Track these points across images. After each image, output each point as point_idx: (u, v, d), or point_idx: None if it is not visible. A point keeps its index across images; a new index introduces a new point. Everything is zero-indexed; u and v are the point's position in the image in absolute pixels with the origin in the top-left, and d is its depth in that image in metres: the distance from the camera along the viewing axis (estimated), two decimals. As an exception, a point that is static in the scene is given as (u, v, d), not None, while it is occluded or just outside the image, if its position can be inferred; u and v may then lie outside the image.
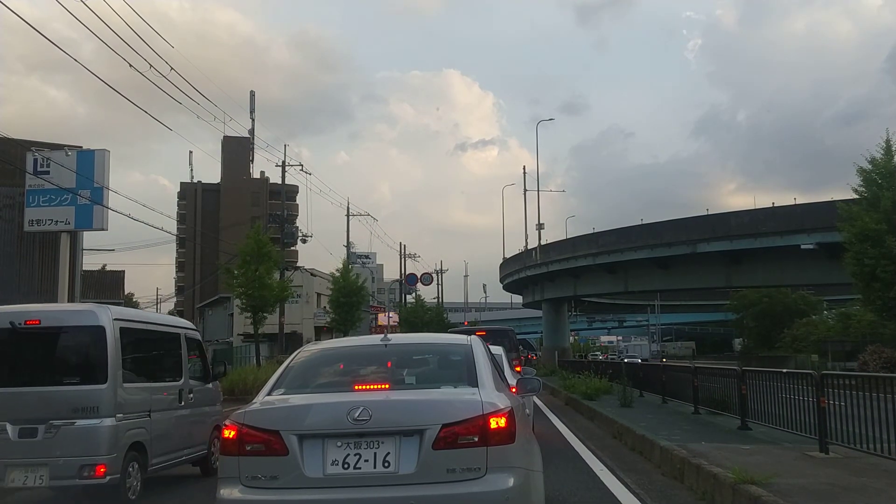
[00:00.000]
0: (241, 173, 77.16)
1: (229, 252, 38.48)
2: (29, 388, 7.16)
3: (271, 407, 4.47)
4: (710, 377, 13.25)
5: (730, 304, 63.91)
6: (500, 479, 3.99)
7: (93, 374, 7.19)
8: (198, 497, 8.08)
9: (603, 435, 12.58)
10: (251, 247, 30.38)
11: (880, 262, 23.35)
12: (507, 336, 19.29)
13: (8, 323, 7.29)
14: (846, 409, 7.74)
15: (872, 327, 34.37)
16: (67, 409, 6.96)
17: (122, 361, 7.36)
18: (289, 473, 4.01)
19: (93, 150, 25.21)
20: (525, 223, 66.29)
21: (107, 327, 7.24)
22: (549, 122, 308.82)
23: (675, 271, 47.57)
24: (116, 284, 45.69)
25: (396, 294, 71.58)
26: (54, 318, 7.72)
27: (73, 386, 7.18)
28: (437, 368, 5.16)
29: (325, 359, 5.33)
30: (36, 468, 6.81)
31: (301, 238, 39.89)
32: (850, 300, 45.04)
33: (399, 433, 4.02)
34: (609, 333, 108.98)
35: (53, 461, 6.81)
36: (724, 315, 76.08)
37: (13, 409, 7.00)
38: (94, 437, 6.94)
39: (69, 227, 24.70)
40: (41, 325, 7.40)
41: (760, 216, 41.63)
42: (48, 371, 7.40)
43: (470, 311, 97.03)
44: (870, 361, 24.33)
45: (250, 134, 50.38)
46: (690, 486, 7.35)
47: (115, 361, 7.21)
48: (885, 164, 24.34)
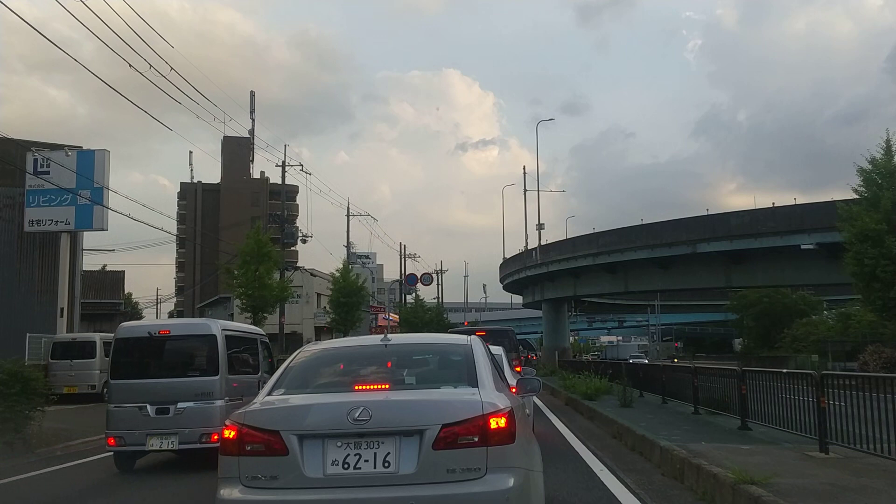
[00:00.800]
0: (241, 173, 77.20)
1: (229, 252, 38.50)
2: (163, 379, 9.70)
3: (271, 407, 4.47)
4: (710, 377, 13.26)
5: (730, 304, 63.90)
6: (500, 480, 3.98)
7: (208, 369, 9.72)
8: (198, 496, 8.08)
9: (603, 435, 12.57)
10: (251, 247, 30.37)
11: (880, 262, 23.35)
12: (507, 336, 19.29)
13: (146, 333, 10.16)
14: (846, 409, 7.74)
15: (872, 327, 34.36)
16: (191, 394, 9.48)
17: (227, 360, 9.83)
18: (289, 473, 4.01)
19: (93, 151, 25.23)
20: (525, 223, 66.44)
21: (217, 335, 9.81)
22: (549, 122, 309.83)
23: (675, 271, 47.59)
24: (116, 284, 45.69)
25: (396, 294, 71.55)
26: (179, 329, 11.04)
27: (195, 378, 9.73)
28: (437, 368, 5.15)
29: (325, 359, 5.32)
30: (169, 436, 9.32)
31: (301, 238, 39.90)
32: (850, 300, 45.02)
33: (399, 433, 4.01)
34: (609, 333, 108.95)
35: (181, 431, 9.32)
36: (724, 315, 76.06)
37: (152, 395, 9.46)
38: (210, 414, 9.34)
39: (69, 227, 24.72)
40: (170, 334, 10.12)
41: (760, 216, 41.63)
42: (176, 367, 9.98)
43: (470, 311, 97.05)
44: (870, 361, 24.35)
45: (250, 134, 50.41)
46: (690, 487, 7.35)
47: (223, 360, 9.72)
48: (886, 164, 24.34)
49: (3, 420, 11.05)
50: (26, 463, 10.45)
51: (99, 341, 22.99)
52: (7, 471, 9.52)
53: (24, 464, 10.37)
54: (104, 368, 22.53)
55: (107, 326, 39.14)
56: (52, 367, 21.28)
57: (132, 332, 10.51)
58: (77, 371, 21.74)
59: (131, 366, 9.93)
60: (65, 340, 23.06)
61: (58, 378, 19.85)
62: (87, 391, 21.66)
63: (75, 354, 22.20)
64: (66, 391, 20.14)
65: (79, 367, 21.82)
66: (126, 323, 11.58)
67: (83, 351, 22.33)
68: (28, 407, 11.38)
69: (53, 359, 22.01)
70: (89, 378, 21.95)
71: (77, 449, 11.88)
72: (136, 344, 10.11)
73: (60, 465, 10.49)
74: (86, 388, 21.68)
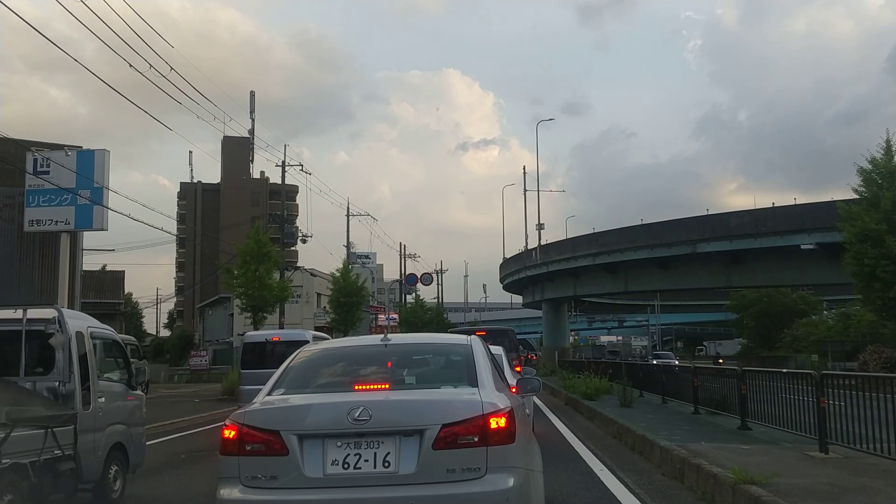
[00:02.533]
0: (241, 173, 77.11)
1: (229, 252, 38.49)
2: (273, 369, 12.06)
3: (271, 407, 4.47)
4: (710, 377, 13.26)
5: (730, 304, 63.89)
6: (500, 479, 3.99)
7: None
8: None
9: (603, 435, 12.58)
10: (251, 247, 30.37)
11: (880, 262, 23.35)
12: (507, 336, 19.32)
13: (264, 339, 15.78)
14: (846, 409, 7.74)
15: (872, 327, 34.32)
16: None
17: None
18: (289, 473, 4.01)
19: (93, 150, 25.21)
20: (525, 223, 66.52)
21: (310, 340, 13.42)
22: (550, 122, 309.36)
23: (675, 271, 47.61)
24: (116, 284, 45.65)
25: (396, 294, 71.56)
26: (286, 336, 15.74)
27: None
28: (437, 368, 5.15)
29: (326, 359, 5.33)
30: None
31: (301, 238, 39.88)
32: (850, 300, 45.00)
33: (399, 433, 4.02)
34: (609, 333, 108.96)
35: None
36: (724, 315, 76.06)
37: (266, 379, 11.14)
38: None
39: (69, 227, 24.70)
40: (280, 340, 13.91)
41: (760, 216, 41.66)
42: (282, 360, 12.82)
43: (470, 311, 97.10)
44: (870, 361, 24.35)
45: (250, 134, 50.33)
46: (690, 487, 7.35)
47: None
48: (886, 165, 24.33)
49: (2, 420, 11.02)
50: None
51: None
52: None
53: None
54: (104, 368, 22.53)
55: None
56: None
57: (254, 338, 17.62)
58: (77, 371, 21.73)
59: (253, 360, 15.26)
60: (64, 340, 23.02)
61: None
62: (87, 391, 21.61)
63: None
64: (66, 391, 20.12)
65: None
66: (250, 332, 18.36)
67: (83, 351, 22.30)
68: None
69: (53, 359, 21.99)
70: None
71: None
72: (256, 346, 15.68)
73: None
74: None
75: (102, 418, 7.65)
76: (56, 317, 7.42)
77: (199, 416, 18.19)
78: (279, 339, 16.27)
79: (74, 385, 7.24)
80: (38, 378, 7.31)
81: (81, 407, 7.21)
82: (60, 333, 7.29)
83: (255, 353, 16.92)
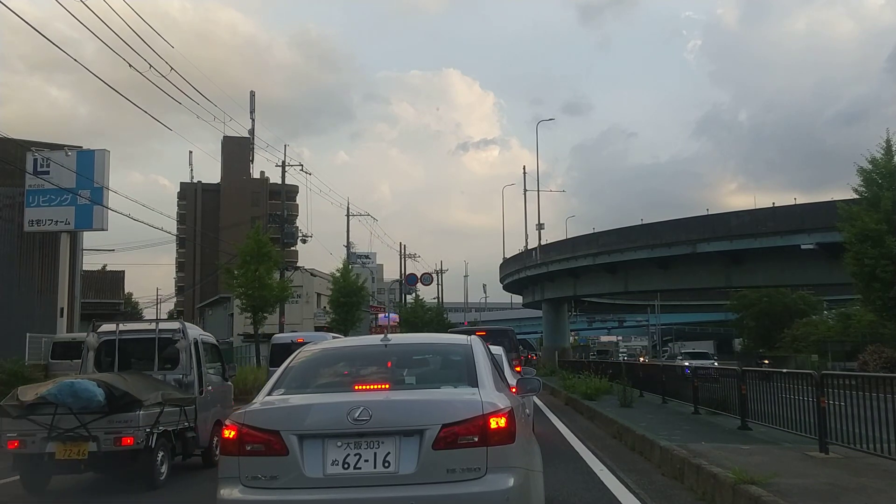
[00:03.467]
0: (241, 173, 77.13)
1: (229, 252, 38.47)
2: None
3: (271, 407, 4.47)
4: (710, 377, 13.26)
5: (729, 304, 63.84)
6: (500, 480, 3.99)
7: None
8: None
9: (603, 435, 12.57)
10: (251, 247, 30.36)
11: (880, 262, 23.35)
12: (507, 336, 19.30)
13: (290, 340, 15.80)
14: (846, 409, 7.74)
15: (872, 327, 34.30)
16: None
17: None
18: (289, 473, 4.01)
19: (93, 150, 25.20)
20: (525, 223, 66.46)
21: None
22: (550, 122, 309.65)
23: (675, 271, 47.57)
24: (116, 284, 45.63)
25: (396, 294, 71.55)
26: (310, 337, 15.31)
27: None
28: (437, 368, 5.15)
29: (325, 359, 5.32)
30: None
31: (301, 238, 39.90)
32: (850, 300, 44.96)
33: (399, 433, 4.02)
34: (609, 333, 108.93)
35: None
36: (724, 315, 76.05)
37: None
38: None
39: (69, 227, 24.69)
40: (304, 341, 11.85)
41: (760, 216, 41.62)
42: None
43: (470, 311, 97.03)
44: (870, 361, 24.35)
45: (250, 134, 50.47)
46: (690, 487, 7.35)
47: None
48: (886, 165, 24.34)
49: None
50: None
51: (99, 341, 22.96)
52: (7, 471, 9.50)
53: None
54: (104, 368, 22.56)
55: (107, 326, 39.09)
56: (52, 367, 21.24)
57: (282, 339, 18.94)
58: (77, 371, 21.74)
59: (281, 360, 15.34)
60: (65, 340, 23.03)
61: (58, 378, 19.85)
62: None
63: (75, 354, 22.11)
64: (66, 391, 20.15)
65: (79, 367, 21.80)
66: (277, 334, 20.11)
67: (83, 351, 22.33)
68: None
69: (53, 359, 21.97)
70: (89, 378, 21.94)
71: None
72: (283, 346, 15.27)
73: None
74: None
75: (209, 401, 10.36)
76: (180, 328, 10.29)
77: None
78: (303, 339, 17.25)
79: (193, 377, 9.96)
80: (167, 372, 9.95)
81: (198, 393, 9.94)
82: (183, 339, 10.02)
83: (283, 353, 17.42)
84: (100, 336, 10.45)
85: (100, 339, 10.42)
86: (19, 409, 8.00)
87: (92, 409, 7.88)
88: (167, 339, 10.08)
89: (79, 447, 7.89)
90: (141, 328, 11.16)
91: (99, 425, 7.93)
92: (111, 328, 10.63)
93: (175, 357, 10.01)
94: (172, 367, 10.00)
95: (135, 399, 8.16)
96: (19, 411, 7.99)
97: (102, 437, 7.91)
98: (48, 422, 7.88)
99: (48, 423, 7.88)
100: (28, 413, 7.95)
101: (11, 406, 8.07)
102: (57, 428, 7.88)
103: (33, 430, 7.94)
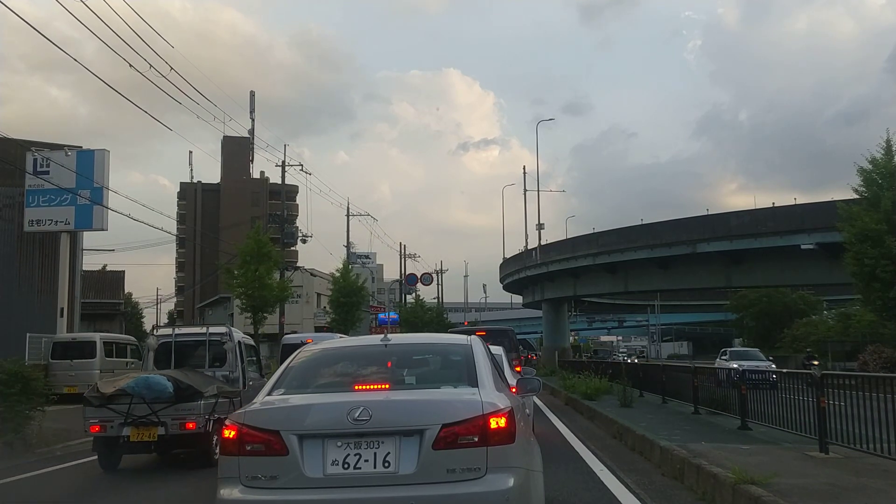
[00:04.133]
0: (241, 173, 77.16)
1: (229, 252, 38.50)
2: None
3: (271, 407, 4.47)
4: (710, 377, 13.26)
5: (729, 304, 63.88)
6: (500, 480, 3.98)
7: None
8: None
9: (603, 435, 12.57)
10: (251, 247, 30.38)
11: (880, 262, 23.36)
12: (507, 336, 19.29)
13: (300, 341, 14.07)
14: (846, 409, 7.74)
15: (872, 327, 34.34)
16: None
17: None
18: (289, 473, 4.01)
19: (92, 150, 25.21)
20: (525, 223, 66.43)
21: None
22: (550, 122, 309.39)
23: (675, 271, 47.58)
24: (116, 284, 45.64)
25: (396, 294, 71.55)
26: (319, 338, 13.22)
27: None
28: (437, 368, 5.15)
29: (326, 359, 5.32)
30: None
31: (301, 238, 39.91)
32: (850, 300, 44.99)
33: (399, 433, 4.02)
34: (609, 333, 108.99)
35: None
36: (724, 315, 76.11)
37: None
38: None
39: (69, 227, 24.70)
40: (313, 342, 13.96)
41: (760, 216, 41.61)
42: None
43: (470, 311, 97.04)
44: (870, 361, 24.36)
45: (250, 134, 50.43)
46: (690, 487, 7.35)
47: None
48: (886, 165, 24.35)
49: (3, 420, 11.05)
50: (26, 463, 10.45)
51: (99, 341, 22.96)
52: (7, 471, 9.51)
53: (24, 464, 10.36)
54: (104, 368, 22.52)
55: (107, 326, 39.08)
56: (52, 367, 21.26)
57: (292, 340, 18.43)
58: (77, 371, 21.71)
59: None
60: (65, 340, 23.04)
61: (58, 378, 19.82)
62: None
63: (75, 354, 22.19)
64: (66, 391, 20.07)
65: (79, 367, 21.80)
66: (288, 335, 20.22)
67: (83, 351, 22.31)
68: (28, 407, 11.40)
69: (53, 359, 21.99)
70: (89, 378, 21.85)
71: (77, 449, 11.88)
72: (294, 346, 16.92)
73: (60, 465, 10.48)
74: (86, 389, 21.63)
75: (251, 394, 12.93)
76: (227, 331, 12.13)
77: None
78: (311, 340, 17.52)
79: (238, 373, 11.68)
80: (216, 369, 11.67)
81: (242, 386, 11.36)
82: (230, 341, 11.90)
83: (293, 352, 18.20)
84: (158, 339, 12.39)
85: (158, 341, 12.29)
86: (101, 400, 9.46)
87: (163, 399, 9.31)
88: (216, 340, 11.99)
89: (150, 431, 9.33)
90: (193, 332, 12.98)
91: (167, 413, 9.33)
92: (168, 332, 12.68)
93: (222, 356, 11.87)
94: (220, 365, 11.83)
95: (197, 391, 9.61)
96: (100, 401, 9.45)
97: (170, 423, 9.30)
98: (125, 410, 9.31)
99: (125, 411, 9.31)
100: (107, 403, 9.41)
101: (94, 397, 9.56)
102: (132, 415, 9.31)
103: (112, 417, 9.35)
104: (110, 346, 23.64)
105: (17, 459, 10.58)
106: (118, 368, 23.62)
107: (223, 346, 11.83)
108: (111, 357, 23.28)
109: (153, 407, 9.32)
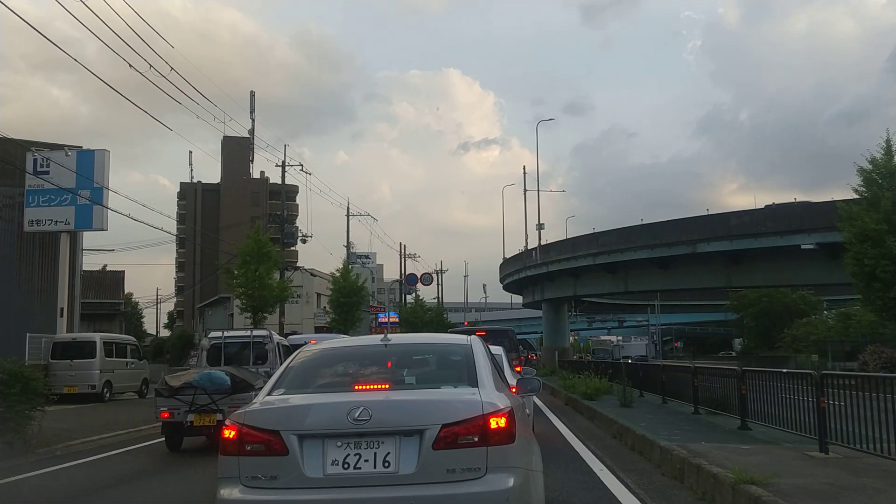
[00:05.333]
0: (241, 173, 77.11)
1: (229, 252, 38.50)
2: None
3: (271, 407, 4.47)
4: (710, 377, 13.25)
5: (729, 304, 63.89)
6: (500, 479, 3.98)
7: None
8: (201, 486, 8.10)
9: (603, 435, 12.57)
10: (251, 247, 30.39)
11: (880, 262, 23.33)
12: (507, 336, 19.31)
13: (304, 341, 14.11)
14: (846, 409, 7.73)
15: (872, 327, 34.30)
16: None
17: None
18: (289, 473, 4.01)
19: (92, 150, 25.23)
20: (525, 223, 66.48)
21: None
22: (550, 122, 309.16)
23: (675, 271, 47.59)
24: (116, 284, 45.70)
25: (396, 294, 71.55)
26: (322, 338, 15.17)
27: None
28: (437, 368, 5.15)
29: (326, 359, 5.32)
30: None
31: (301, 238, 39.93)
32: (850, 300, 44.98)
33: (399, 433, 4.02)
34: (609, 333, 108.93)
35: None
36: (724, 315, 76.14)
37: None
38: None
39: (69, 227, 24.72)
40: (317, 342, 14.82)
41: (760, 216, 41.65)
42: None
43: (470, 311, 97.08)
44: (870, 361, 24.31)
45: (250, 134, 50.46)
46: (690, 487, 7.35)
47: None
48: (886, 165, 24.31)
49: (3, 420, 11.05)
50: (26, 463, 10.45)
51: (99, 341, 22.98)
52: (7, 471, 9.51)
53: (24, 464, 10.36)
54: (104, 368, 22.54)
55: (107, 326, 39.11)
56: (52, 367, 21.28)
57: (296, 340, 18.15)
58: (77, 371, 21.75)
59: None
60: (65, 340, 23.06)
61: (58, 378, 19.85)
62: (87, 391, 21.66)
63: (75, 354, 22.21)
64: (66, 391, 20.14)
65: (79, 367, 21.83)
66: (293, 336, 21.09)
67: (83, 351, 22.34)
68: (28, 407, 11.41)
69: (53, 359, 22.01)
70: (89, 378, 21.95)
71: (77, 449, 11.91)
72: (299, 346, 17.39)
73: (60, 465, 10.48)
74: (86, 388, 21.68)
75: None
76: (268, 334, 14.83)
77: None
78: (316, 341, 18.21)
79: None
80: (259, 366, 13.66)
81: None
82: (271, 342, 14.47)
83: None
84: (210, 340, 14.78)
85: (210, 342, 14.59)
86: (169, 391, 11.25)
87: (222, 391, 11.03)
88: (259, 342, 14.52)
89: (210, 417, 10.92)
90: (240, 334, 15.61)
91: (224, 402, 10.84)
92: (218, 334, 15.25)
93: (264, 355, 14.12)
94: (262, 363, 14.04)
95: (249, 384, 11.29)
96: (169, 392, 11.22)
97: (227, 410, 10.26)
98: (189, 400, 11.01)
99: (189, 401, 11.00)
100: (175, 394, 11.16)
101: (163, 389, 11.38)
102: (195, 404, 10.99)
103: (178, 405, 11.08)
104: (110, 346, 23.66)
105: (17, 459, 10.58)
106: (118, 368, 23.67)
107: (265, 347, 14.15)
108: (111, 357, 23.30)
109: (213, 397, 10.93)
